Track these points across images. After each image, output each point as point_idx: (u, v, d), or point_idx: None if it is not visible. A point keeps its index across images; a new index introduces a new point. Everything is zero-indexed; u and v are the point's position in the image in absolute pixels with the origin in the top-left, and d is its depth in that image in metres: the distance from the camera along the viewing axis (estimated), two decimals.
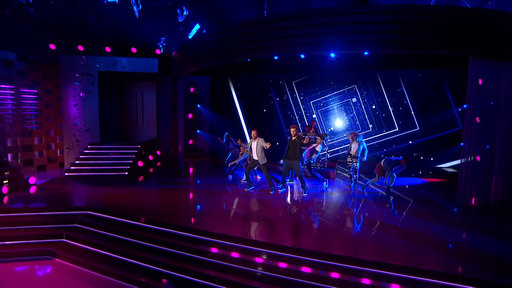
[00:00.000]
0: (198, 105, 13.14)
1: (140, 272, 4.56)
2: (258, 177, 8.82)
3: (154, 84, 13.36)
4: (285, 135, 12.99)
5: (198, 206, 6.50)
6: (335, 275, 3.91)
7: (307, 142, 6.82)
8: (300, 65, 11.18)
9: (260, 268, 4.17)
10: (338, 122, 12.43)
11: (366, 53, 8.34)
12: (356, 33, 6.26)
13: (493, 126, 6.31)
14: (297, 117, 13.06)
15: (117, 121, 12.89)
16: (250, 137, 7.17)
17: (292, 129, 6.99)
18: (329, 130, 12.44)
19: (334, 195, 7.29)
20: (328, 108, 12.53)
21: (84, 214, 5.95)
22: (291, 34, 6.85)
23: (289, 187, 7.83)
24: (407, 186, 8.06)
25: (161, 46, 10.84)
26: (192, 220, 5.52)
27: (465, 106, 9.94)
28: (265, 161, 7.05)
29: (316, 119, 12.54)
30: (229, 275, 4.17)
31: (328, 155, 10.45)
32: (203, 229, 4.84)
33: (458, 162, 10.25)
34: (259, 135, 7.10)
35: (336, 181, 8.66)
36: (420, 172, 9.73)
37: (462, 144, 10.00)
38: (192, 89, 13.20)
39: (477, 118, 6.29)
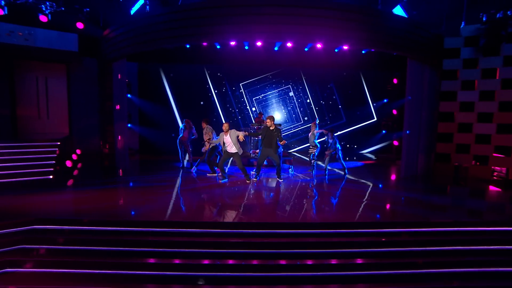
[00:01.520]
0: (129, 95, 11.38)
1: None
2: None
3: (63, 67, 10.80)
4: None
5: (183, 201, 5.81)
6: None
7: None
8: (239, 57, 11.33)
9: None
10: (277, 115, 13.20)
11: (306, 48, 9.41)
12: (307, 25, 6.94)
13: (420, 115, 8.17)
14: (237, 110, 13.13)
15: (8, 112, 9.76)
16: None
17: (268, 120, 7.16)
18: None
19: (304, 177, 7.86)
20: (267, 101, 13.14)
21: (30, 230, 4.39)
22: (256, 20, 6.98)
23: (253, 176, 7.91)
24: (354, 168, 9.44)
25: (84, 18, 8.84)
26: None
27: (385, 100, 12.40)
28: (242, 151, 7.02)
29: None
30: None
31: None
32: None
33: (375, 147, 12.66)
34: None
35: (295, 167, 9.28)
36: (355, 158, 11.51)
37: (383, 132, 12.48)
38: (119, 76, 11.29)
39: (394, 111, 8.16)
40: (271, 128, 7.14)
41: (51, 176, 7.14)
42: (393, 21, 7.38)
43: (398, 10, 8.54)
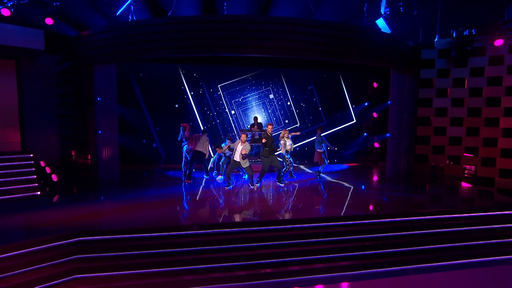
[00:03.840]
0: (99, 98, 11.11)
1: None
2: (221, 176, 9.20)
3: (12, 63, 10.20)
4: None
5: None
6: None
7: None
8: (217, 57, 11.88)
9: None
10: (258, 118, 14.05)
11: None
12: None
13: (401, 119, 9.80)
14: (215, 113, 13.62)
15: None
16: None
17: (269, 127, 8.09)
18: (248, 126, 13.83)
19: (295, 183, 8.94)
20: (247, 104, 13.90)
21: (76, 242, 4.84)
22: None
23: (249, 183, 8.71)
24: (341, 170, 10.81)
25: (52, 13, 8.61)
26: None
27: (366, 103, 14.07)
28: (247, 164, 7.90)
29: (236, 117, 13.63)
30: None
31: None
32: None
33: (356, 149, 14.26)
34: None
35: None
36: (335, 160, 12.91)
37: (365, 134, 14.15)
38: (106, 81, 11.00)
39: (375, 114, 9.81)
40: (270, 135, 8.01)
41: (38, 193, 6.96)
42: (378, 37, 8.88)
43: (380, 22, 10.06)
